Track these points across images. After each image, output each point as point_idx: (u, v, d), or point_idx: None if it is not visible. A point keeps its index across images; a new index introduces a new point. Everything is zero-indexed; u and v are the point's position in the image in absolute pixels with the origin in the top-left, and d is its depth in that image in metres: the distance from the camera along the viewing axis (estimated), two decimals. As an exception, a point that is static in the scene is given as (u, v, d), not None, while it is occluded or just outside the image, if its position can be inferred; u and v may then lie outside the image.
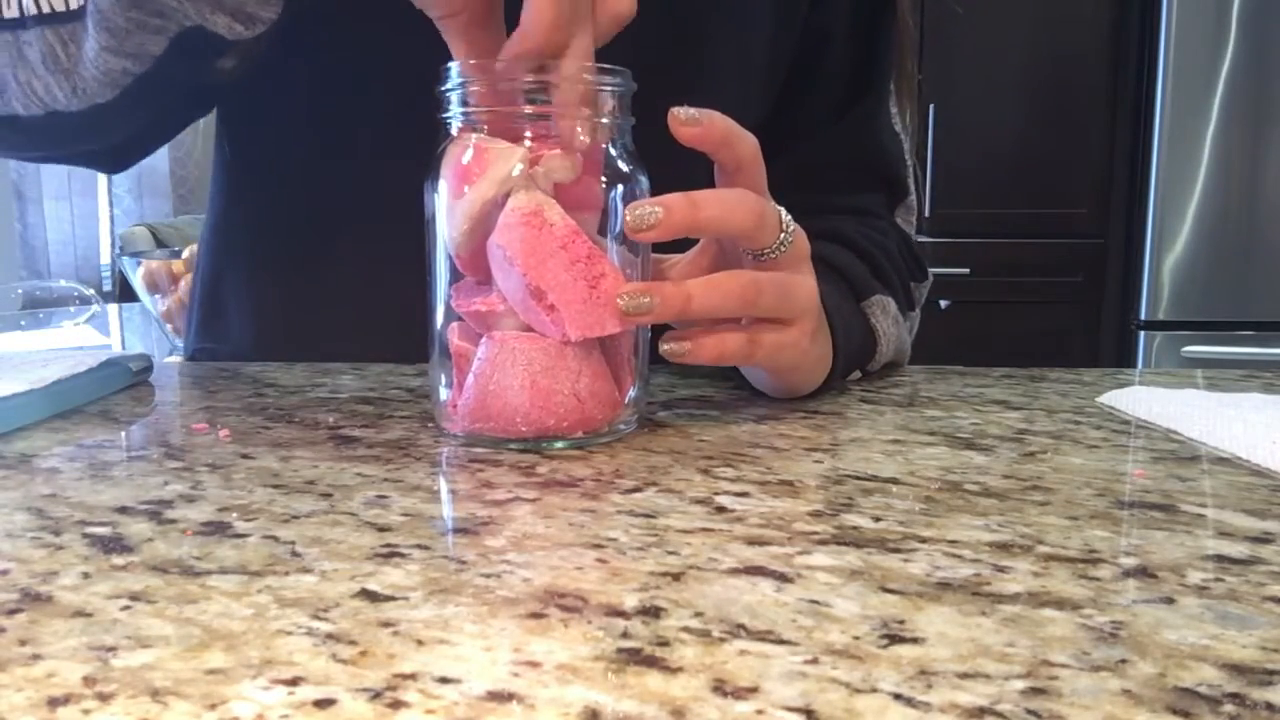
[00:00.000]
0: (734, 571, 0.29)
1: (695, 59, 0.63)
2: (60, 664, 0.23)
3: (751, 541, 0.31)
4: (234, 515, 0.34)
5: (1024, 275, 2.41)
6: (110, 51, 0.50)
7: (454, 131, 0.43)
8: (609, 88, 0.43)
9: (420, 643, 0.24)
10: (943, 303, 2.41)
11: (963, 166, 2.41)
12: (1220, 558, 0.30)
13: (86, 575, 0.28)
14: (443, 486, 0.38)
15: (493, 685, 0.22)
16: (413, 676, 0.22)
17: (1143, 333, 2.30)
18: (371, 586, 0.27)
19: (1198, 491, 0.38)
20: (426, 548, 0.31)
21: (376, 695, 0.21)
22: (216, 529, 0.32)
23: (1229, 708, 0.21)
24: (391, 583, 0.28)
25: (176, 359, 1.00)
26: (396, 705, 0.21)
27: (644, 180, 0.45)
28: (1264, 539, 0.32)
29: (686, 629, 0.25)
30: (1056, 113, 2.40)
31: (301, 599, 0.26)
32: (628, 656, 0.23)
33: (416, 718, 0.20)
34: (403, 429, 0.46)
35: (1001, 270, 2.40)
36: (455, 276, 0.44)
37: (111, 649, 0.23)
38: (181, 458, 0.41)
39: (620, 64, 0.43)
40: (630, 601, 0.26)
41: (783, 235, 0.44)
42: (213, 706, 0.21)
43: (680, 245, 0.47)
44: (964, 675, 0.23)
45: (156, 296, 1.11)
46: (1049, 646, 0.24)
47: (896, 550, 0.31)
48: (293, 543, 0.31)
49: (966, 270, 2.39)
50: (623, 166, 0.44)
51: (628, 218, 0.41)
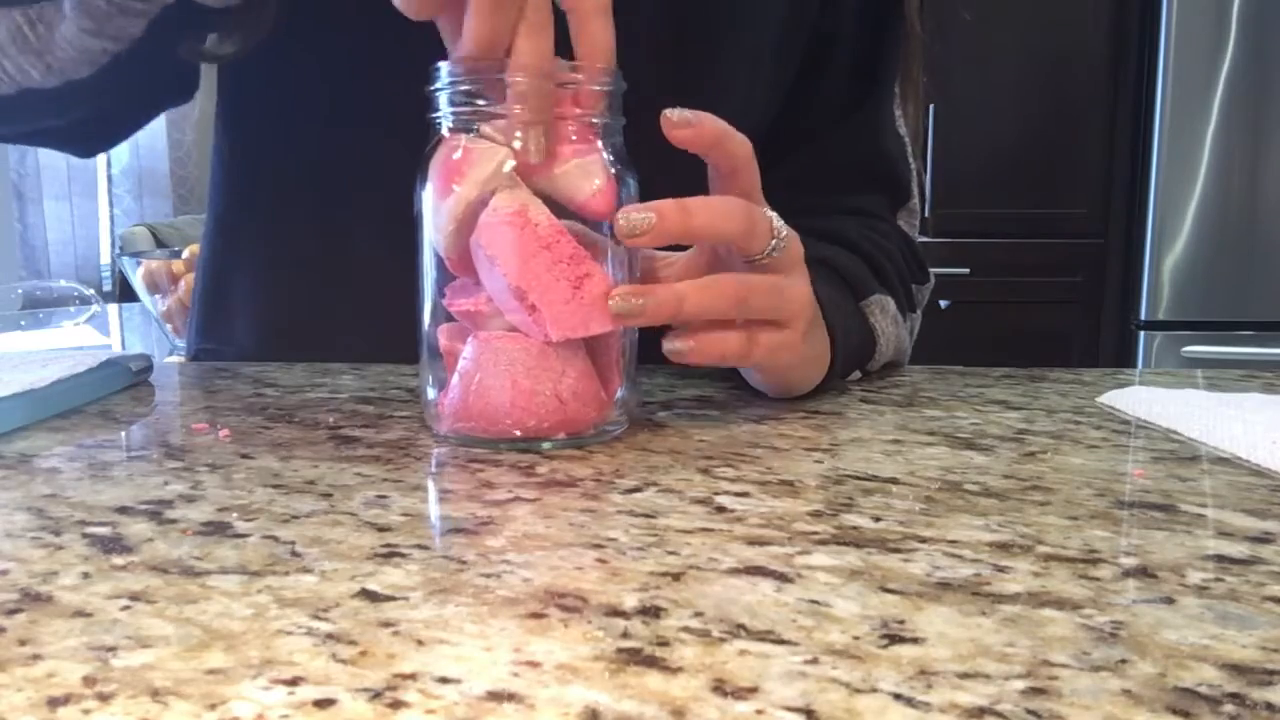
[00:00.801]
0: (734, 571, 0.29)
1: (702, 61, 0.63)
2: (60, 664, 0.23)
3: (751, 541, 0.31)
4: (234, 515, 0.34)
5: (1024, 275, 2.41)
6: (89, 34, 0.50)
7: (443, 131, 0.43)
8: (599, 86, 0.42)
9: (420, 643, 0.24)
10: (943, 303, 2.41)
11: (963, 166, 2.41)
12: (1220, 558, 0.30)
13: (86, 575, 0.28)
14: (443, 486, 0.38)
15: (493, 685, 0.22)
16: (413, 676, 0.22)
17: (1143, 333, 2.30)
18: (371, 586, 0.27)
19: (1198, 491, 0.38)
20: (426, 548, 0.31)
21: (376, 695, 0.21)
22: (216, 529, 0.32)
23: (1229, 708, 0.21)
24: (391, 583, 0.28)
25: (176, 359, 1.00)
26: (396, 705, 0.21)
27: (632, 182, 0.44)
28: (1264, 539, 0.32)
29: (686, 629, 0.25)
30: (1056, 113, 2.40)
31: (301, 599, 0.26)
32: (628, 656, 0.23)
33: (416, 718, 0.20)
34: (403, 429, 0.46)
35: (1001, 270, 2.40)
36: (444, 276, 0.44)
37: (111, 649, 0.23)
38: (181, 458, 0.41)
39: (625, 65, 0.43)
40: (630, 601, 0.26)
41: (774, 242, 0.44)
42: (213, 706, 0.21)
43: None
44: (964, 675, 0.23)
45: (156, 296, 1.11)
46: (1049, 646, 0.24)
47: (896, 550, 0.31)
48: (293, 543, 0.31)
49: (966, 270, 2.39)
50: (612, 168, 0.44)
51: (619, 223, 0.41)
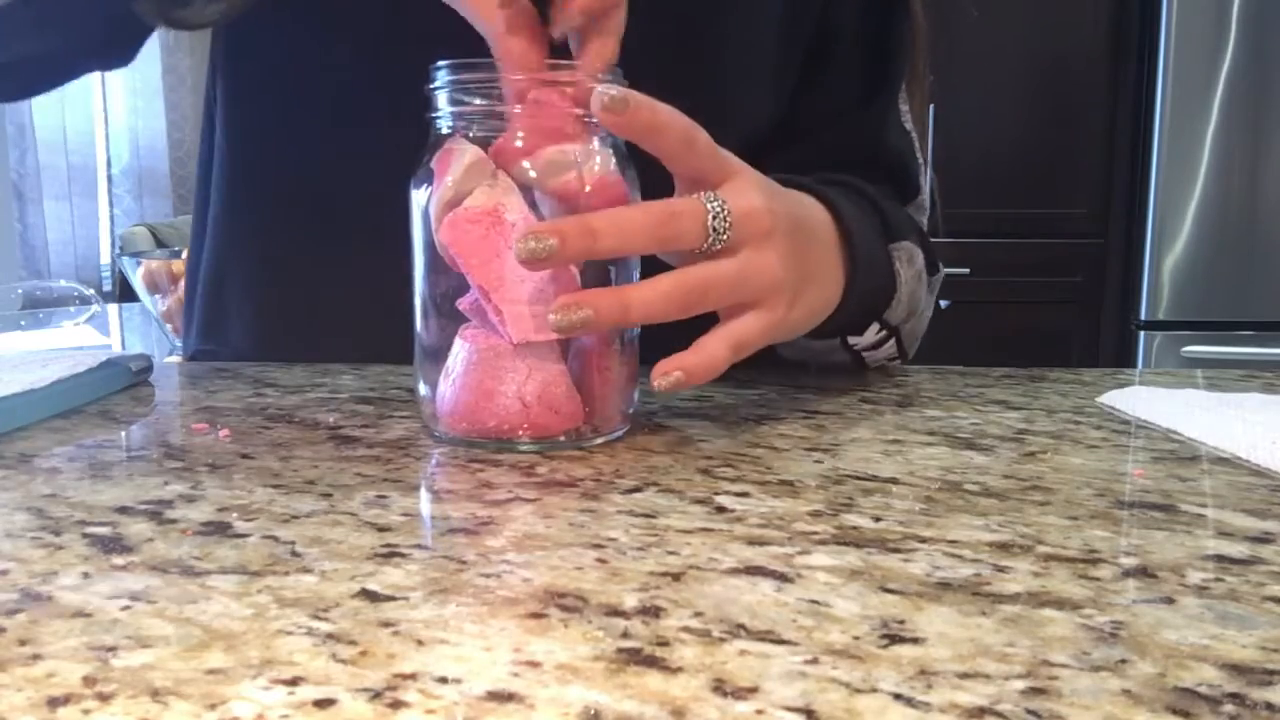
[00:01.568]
0: (734, 571, 0.29)
1: (703, 57, 0.63)
2: (60, 664, 0.23)
3: (751, 541, 0.31)
4: (234, 515, 0.34)
5: (1024, 275, 2.41)
6: None
7: (443, 131, 0.43)
8: (599, 84, 0.41)
9: (420, 643, 0.24)
10: (943, 303, 2.41)
11: (963, 166, 2.41)
12: (1220, 558, 0.30)
13: (86, 575, 0.28)
14: (443, 486, 0.38)
15: (493, 685, 0.22)
16: (413, 676, 0.22)
17: (1143, 333, 2.30)
18: (371, 586, 0.27)
19: (1198, 491, 0.38)
20: (426, 548, 0.31)
21: (376, 695, 0.21)
22: (216, 529, 0.32)
23: (1229, 708, 0.21)
24: (391, 583, 0.28)
25: (176, 359, 1.00)
26: (396, 705, 0.21)
27: (634, 178, 0.44)
28: (1264, 539, 0.32)
29: (686, 629, 0.25)
30: (1056, 113, 2.40)
31: (301, 599, 0.26)
32: (628, 656, 0.23)
33: (416, 718, 0.20)
34: (403, 429, 0.46)
35: (1001, 270, 2.40)
36: (435, 275, 0.44)
37: (111, 649, 0.23)
38: (181, 458, 0.41)
39: (627, 58, 0.43)
40: (630, 601, 0.26)
41: (711, 237, 0.41)
42: (213, 706, 0.21)
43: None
44: (964, 675, 0.23)
45: (156, 296, 1.11)
46: (1049, 646, 0.24)
47: (896, 550, 0.31)
48: (293, 543, 0.31)
49: (966, 270, 2.39)
50: (611, 163, 0.43)
51: (517, 248, 0.38)
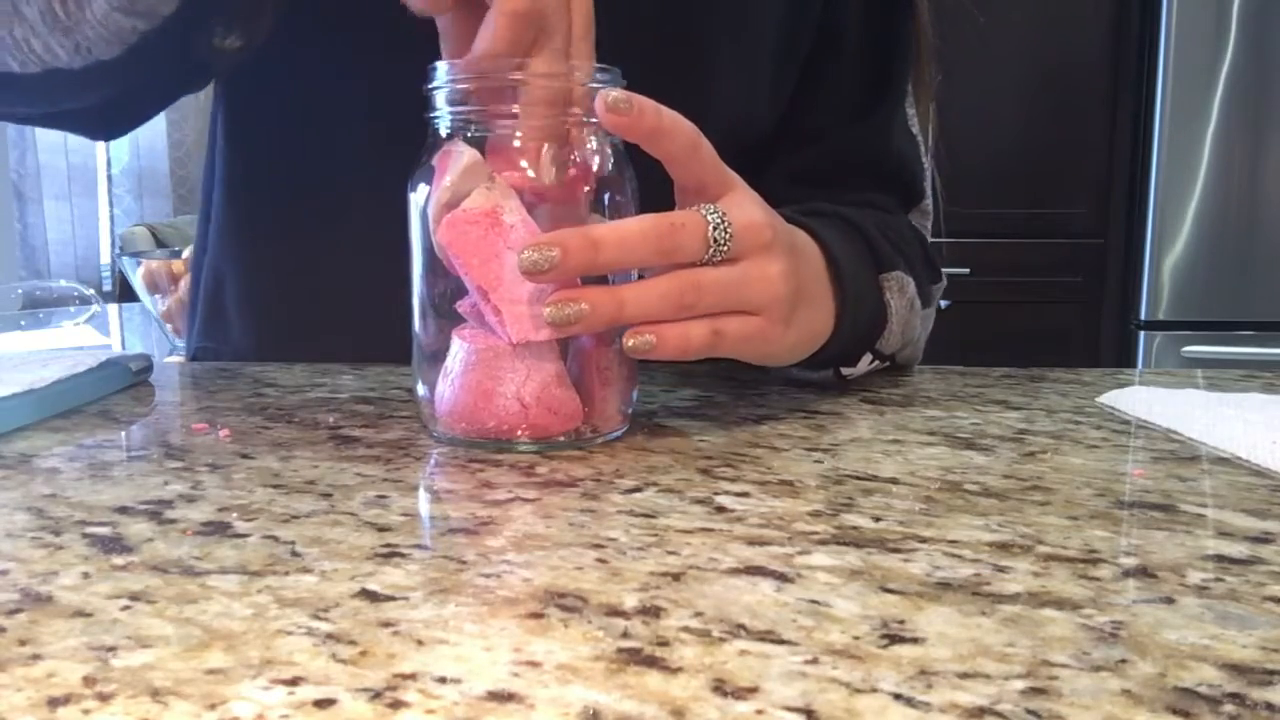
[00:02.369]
0: (734, 571, 0.29)
1: (697, 64, 0.63)
2: (60, 664, 0.23)
3: (751, 541, 0.31)
4: (234, 515, 0.34)
5: (1024, 275, 2.41)
6: (121, 11, 0.50)
7: (441, 132, 0.43)
8: (596, 85, 0.42)
9: (420, 643, 0.24)
10: (943, 303, 2.40)
11: (963, 166, 2.40)
12: (1220, 558, 0.30)
13: (86, 575, 0.28)
14: (443, 486, 0.38)
15: (493, 685, 0.22)
16: (413, 676, 0.22)
17: (1143, 333, 2.30)
18: (371, 586, 0.27)
19: (1198, 491, 0.38)
20: (426, 548, 0.31)
21: (376, 695, 0.21)
22: (216, 529, 0.32)
23: (1229, 708, 0.21)
24: (391, 583, 0.28)
25: (176, 359, 1.00)
26: (396, 705, 0.21)
27: (632, 180, 0.44)
28: (1264, 539, 0.32)
29: (686, 629, 0.25)
30: (1056, 113, 2.40)
31: (301, 599, 0.26)
32: (628, 656, 0.23)
33: (416, 718, 0.20)
34: (403, 429, 0.46)
35: (1001, 270, 2.40)
36: (433, 277, 0.44)
37: (111, 649, 0.23)
38: (181, 458, 0.41)
39: (618, 62, 0.43)
40: (630, 601, 0.26)
41: (713, 248, 0.41)
42: (213, 706, 0.21)
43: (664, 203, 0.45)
44: (964, 675, 0.23)
45: (156, 296, 1.11)
46: (1049, 646, 0.24)
47: (896, 550, 0.31)
48: (293, 543, 0.31)
49: (966, 270, 2.39)
50: (610, 167, 0.43)
51: (521, 259, 0.38)
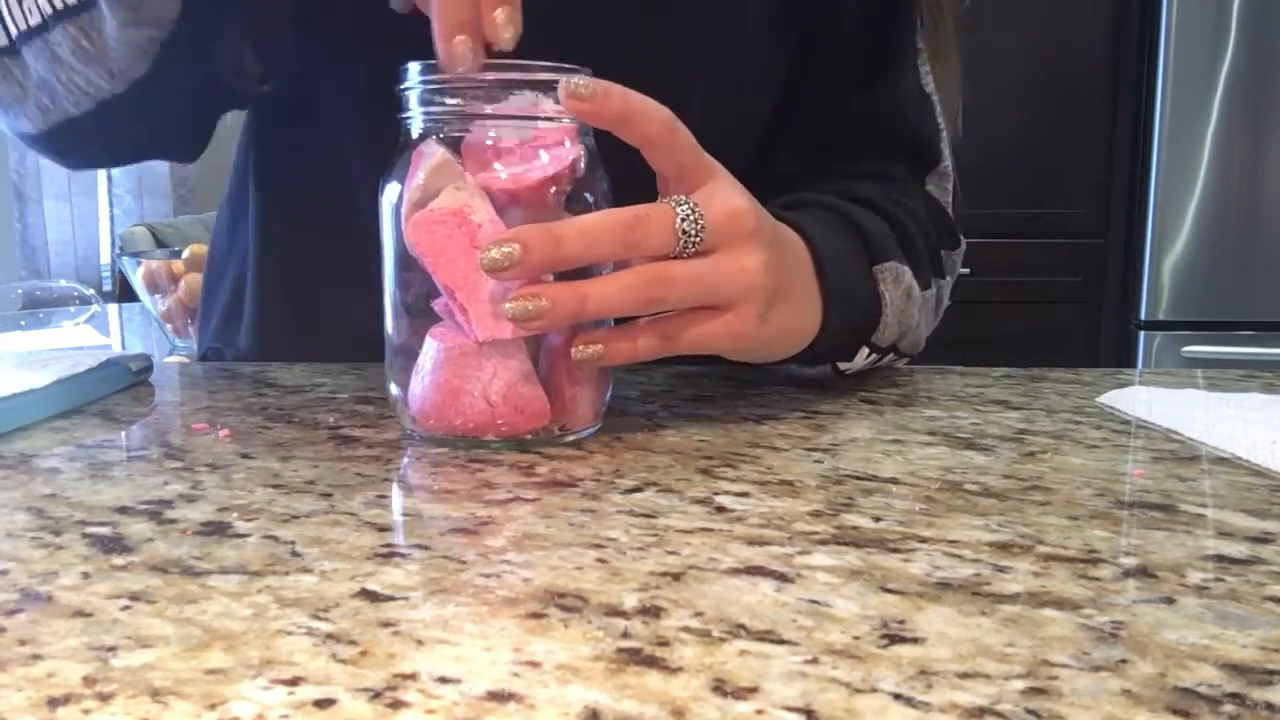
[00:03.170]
0: (734, 571, 0.29)
1: (677, 45, 0.60)
2: (60, 664, 0.23)
3: (751, 541, 0.31)
4: (234, 515, 0.34)
5: (1024, 275, 2.41)
6: (130, 25, 0.52)
7: (412, 133, 0.43)
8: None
9: (420, 643, 0.24)
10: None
11: (963, 166, 2.40)
12: (1220, 558, 0.30)
13: (86, 575, 0.28)
14: (443, 486, 0.38)
15: (493, 685, 0.22)
16: (413, 676, 0.22)
17: (1143, 333, 2.30)
18: (371, 586, 0.27)
19: (1198, 491, 0.38)
20: (426, 548, 0.31)
21: (376, 695, 0.21)
22: (216, 529, 0.32)
23: (1229, 708, 0.21)
24: (391, 583, 0.28)
25: (177, 359, 1.00)
26: (396, 705, 0.21)
27: (604, 181, 0.43)
28: (1264, 539, 0.32)
29: (686, 629, 0.25)
30: (1056, 113, 2.40)
31: (301, 599, 0.26)
32: (628, 656, 0.23)
33: (416, 718, 0.20)
34: (403, 429, 0.46)
35: (1001, 270, 2.40)
36: (403, 276, 0.43)
37: (111, 649, 0.23)
38: (181, 458, 0.41)
39: (596, 60, 0.42)
40: (630, 601, 0.26)
41: (682, 240, 0.41)
42: (213, 706, 0.21)
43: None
44: (964, 675, 0.23)
45: (156, 296, 1.11)
46: (1049, 646, 0.24)
47: (896, 550, 0.31)
48: (293, 543, 0.31)
49: (966, 270, 2.37)
50: (582, 168, 0.43)
51: (482, 256, 0.38)
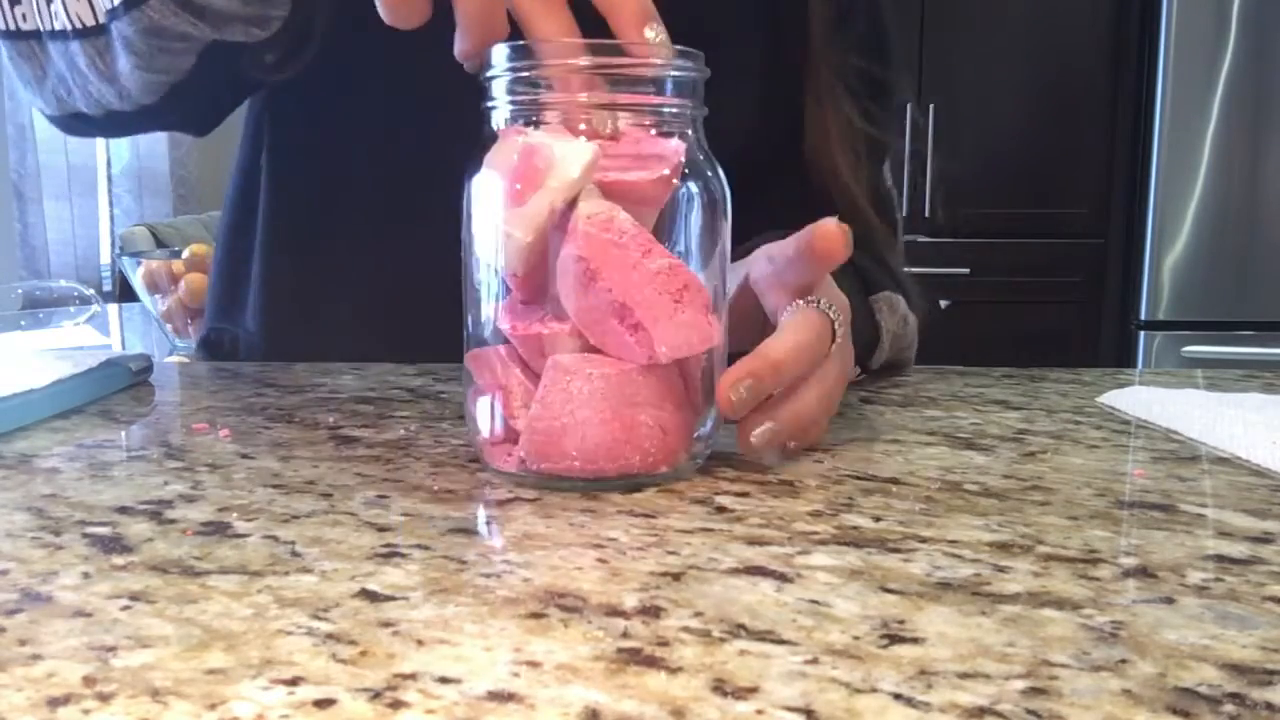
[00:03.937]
0: (734, 571, 0.29)
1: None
2: (60, 664, 0.23)
3: (751, 541, 0.31)
4: (234, 515, 0.34)
5: (1024, 275, 2.41)
6: (141, 69, 0.52)
7: (500, 123, 0.38)
8: (679, 72, 0.38)
9: (420, 643, 0.24)
10: (943, 303, 2.41)
11: (963, 166, 2.41)
12: (1220, 558, 0.30)
13: (86, 575, 0.28)
14: (443, 486, 0.38)
15: (493, 685, 0.22)
16: (413, 676, 0.22)
17: (1143, 333, 2.30)
18: (371, 586, 0.27)
19: (1198, 491, 0.38)
20: (426, 548, 0.31)
21: (376, 695, 0.21)
22: (216, 529, 0.32)
23: (1229, 708, 0.21)
24: (391, 583, 0.28)
25: (177, 359, 1.00)
26: (396, 705, 0.21)
27: (721, 178, 0.40)
28: (1264, 539, 0.32)
29: (686, 629, 0.25)
30: (1056, 113, 2.40)
31: (301, 599, 0.26)
32: (628, 656, 0.23)
33: (416, 718, 0.20)
34: (403, 429, 0.46)
35: (1001, 270, 2.40)
36: (502, 294, 0.39)
37: (111, 649, 0.23)
38: (181, 458, 0.41)
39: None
40: (630, 601, 0.26)
41: (836, 342, 0.43)
42: (213, 706, 0.21)
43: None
44: (964, 675, 0.23)
45: (156, 296, 1.11)
46: (1049, 646, 0.24)
47: (896, 550, 0.31)
48: (293, 543, 0.31)
49: (966, 270, 2.39)
50: (697, 161, 0.39)
51: (731, 400, 0.38)
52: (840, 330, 0.43)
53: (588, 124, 0.37)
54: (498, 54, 0.37)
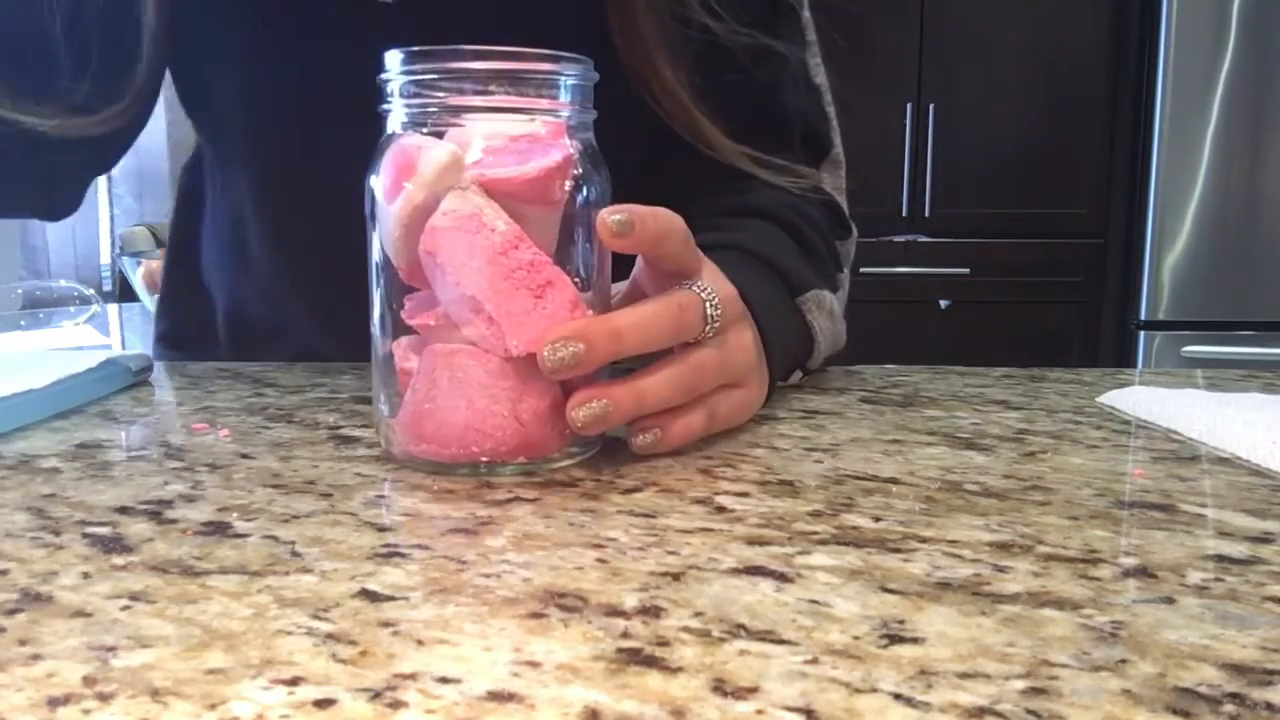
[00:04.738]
0: (734, 571, 0.29)
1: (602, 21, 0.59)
2: (60, 664, 0.23)
3: (751, 541, 0.31)
4: (234, 515, 0.34)
5: (1024, 275, 2.41)
6: None
7: (396, 126, 0.40)
8: (567, 77, 0.40)
9: (420, 643, 0.24)
10: (943, 303, 2.41)
11: (963, 166, 2.41)
12: (1220, 558, 0.30)
13: (86, 575, 0.28)
14: (443, 486, 0.38)
15: (493, 685, 0.22)
16: (413, 676, 0.22)
17: (1143, 333, 2.30)
18: (371, 586, 0.27)
19: (1198, 491, 0.38)
20: (426, 548, 0.31)
21: (376, 695, 0.21)
22: (216, 529, 0.32)
23: (1229, 708, 0.21)
24: (391, 583, 0.28)
25: (176, 359, 1.00)
26: (396, 705, 0.21)
27: (607, 180, 0.42)
28: (1264, 539, 0.32)
29: (686, 629, 0.25)
30: (1056, 113, 2.40)
31: (301, 599, 0.26)
32: (628, 656, 0.23)
33: (416, 718, 0.20)
34: (403, 429, 0.46)
35: (1001, 270, 2.40)
36: (394, 286, 0.41)
37: (111, 649, 0.23)
38: (181, 458, 0.41)
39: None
40: (630, 601, 0.26)
41: (709, 325, 0.43)
42: (213, 706, 0.21)
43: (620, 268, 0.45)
44: (964, 675, 0.23)
45: (156, 296, 1.11)
46: (1049, 646, 0.24)
47: (896, 550, 0.31)
48: (293, 543, 0.31)
49: (966, 270, 2.39)
50: (583, 166, 0.41)
51: (545, 359, 0.37)
52: (715, 313, 0.42)
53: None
54: (392, 59, 0.39)
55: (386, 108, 0.40)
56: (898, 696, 0.22)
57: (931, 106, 2.39)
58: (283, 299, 0.70)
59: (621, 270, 0.45)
